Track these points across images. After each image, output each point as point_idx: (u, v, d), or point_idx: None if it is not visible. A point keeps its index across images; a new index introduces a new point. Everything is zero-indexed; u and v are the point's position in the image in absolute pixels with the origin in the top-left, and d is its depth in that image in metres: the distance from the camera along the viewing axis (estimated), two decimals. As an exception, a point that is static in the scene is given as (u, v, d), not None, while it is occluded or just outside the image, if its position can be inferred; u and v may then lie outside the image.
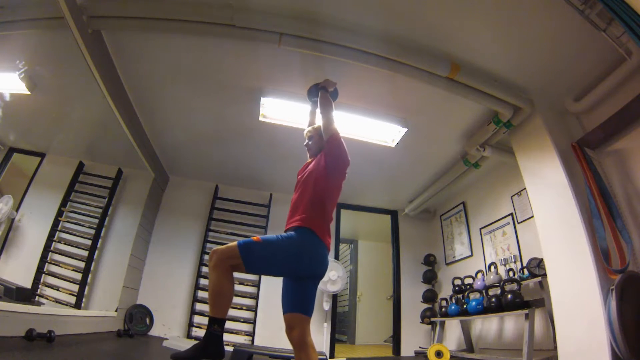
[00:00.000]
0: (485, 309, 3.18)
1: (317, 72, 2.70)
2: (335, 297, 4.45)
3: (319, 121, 2.02)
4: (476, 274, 3.67)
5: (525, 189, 2.99)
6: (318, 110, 2.06)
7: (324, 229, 1.65)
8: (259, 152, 3.91)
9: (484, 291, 3.31)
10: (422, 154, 3.75)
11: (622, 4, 1.61)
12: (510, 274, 3.23)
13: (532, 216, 2.91)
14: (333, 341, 4.27)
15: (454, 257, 4.48)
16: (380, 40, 2.35)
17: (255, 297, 4.18)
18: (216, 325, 1.43)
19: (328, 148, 1.77)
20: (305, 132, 2.04)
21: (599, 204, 2.28)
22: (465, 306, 3.44)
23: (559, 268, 2.42)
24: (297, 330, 1.49)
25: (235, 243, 1.51)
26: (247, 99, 3.03)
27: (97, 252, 3.60)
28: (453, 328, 4.09)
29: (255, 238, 1.54)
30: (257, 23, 2.26)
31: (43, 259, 3.41)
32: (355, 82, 2.79)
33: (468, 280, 3.83)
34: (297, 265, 1.56)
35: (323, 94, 2.00)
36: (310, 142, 1.98)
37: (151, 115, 3.44)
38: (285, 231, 1.65)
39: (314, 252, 1.59)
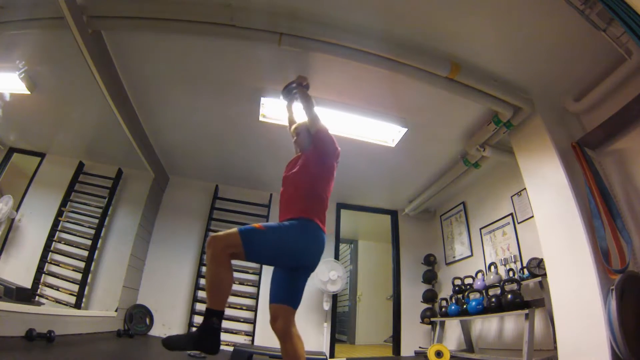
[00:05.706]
0: (485, 309, 3.18)
1: (317, 71, 2.71)
2: (335, 297, 4.45)
3: (297, 114, 2.18)
4: (476, 274, 3.67)
5: (525, 189, 2.99)
6: (295, 105, 2.28)
7: (323, 219, 1.67)
8: (259, 152, 3.91)
9: (484, 291, 3.31)
10: (422, 154, 3.75)
11: (622, 4, 1.61)
12: (510, 274, 3.23)
13: (532, 216, 2.90)
14: (333, 341, 4.27)
15: (454, 257, 4.48)
16: (381, 40, 2.35)
17: (255, 297, 4.18)
18: (215, 317, 1.36)
19: (318, 141, 1.81)
20: (292, 129, 2.06)
21: (599, 204, 2.28)
22: (465, 306, 3.44)
23: (559, 268, 2.42)
24: (280, 321, 1.51)
25: (235, 230, 1.42)
26: (247, 99, 3.03)
27: (97, 252, 3.59)
28: (453, 328, 4.09)
29: (257, 225, 1.49)
30: (256, 23, 2.25)
31: (43, 259, 3.40)
32: (355, 82, 2.79)
33: (468, 280, 3.83)
34: (300, 254, 1.56)
35: (302, 90, 2.11)
36: (298, 138, 1.98)
37: (151, 115, 3.44)
38: (284, 221, 1.61)
39: (318, 242, 1.60)
